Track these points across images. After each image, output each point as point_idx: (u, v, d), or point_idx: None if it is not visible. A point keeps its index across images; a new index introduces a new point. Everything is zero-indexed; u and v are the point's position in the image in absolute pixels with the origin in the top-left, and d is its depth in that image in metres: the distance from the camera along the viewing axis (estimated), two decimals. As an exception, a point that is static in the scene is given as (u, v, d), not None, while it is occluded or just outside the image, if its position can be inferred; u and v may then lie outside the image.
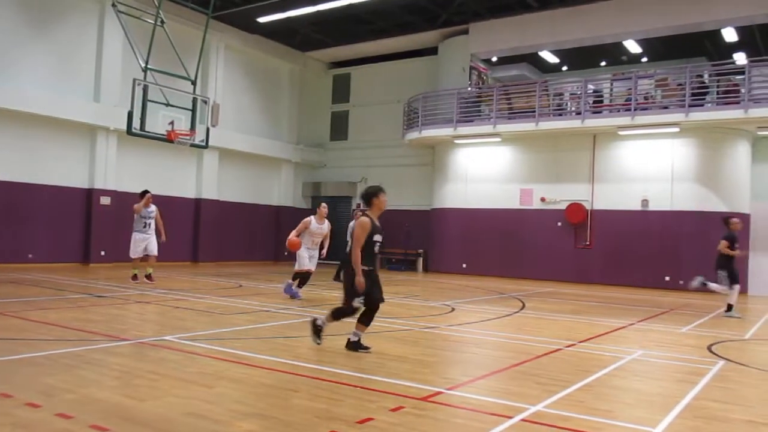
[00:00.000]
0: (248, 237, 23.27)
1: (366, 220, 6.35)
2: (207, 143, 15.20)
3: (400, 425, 4.04)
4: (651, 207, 18.10)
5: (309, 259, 11.20)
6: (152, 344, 6.46)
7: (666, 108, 17.63)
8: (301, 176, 25.71)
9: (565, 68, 24.63)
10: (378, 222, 6.49)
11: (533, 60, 23.53)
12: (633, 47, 21.36)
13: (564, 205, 19.35)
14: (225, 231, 22.17)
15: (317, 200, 25.63)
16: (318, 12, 19.86)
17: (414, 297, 12.62)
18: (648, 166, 18.19)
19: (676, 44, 20.77)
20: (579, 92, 19.13)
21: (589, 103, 18.90)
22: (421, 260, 22.59)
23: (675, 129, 17.23)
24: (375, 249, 6.41)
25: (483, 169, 20.88)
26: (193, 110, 14.40)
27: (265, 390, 4.89)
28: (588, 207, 19.01)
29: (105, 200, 18.30)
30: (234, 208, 22.69)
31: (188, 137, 14.17)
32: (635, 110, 17.54)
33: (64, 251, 17.65)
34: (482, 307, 11.42)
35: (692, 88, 16.99)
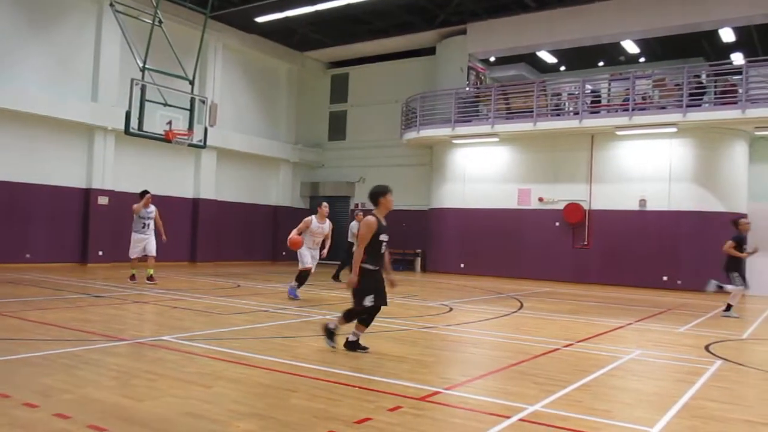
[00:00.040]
0: (246, 237, 23.26)
1: (372, 220, 6.31)
2: (205, 143, 15.20)
3: (399, 425, 4.04)
4: (649, 207, 18.12)
5: (311, 259, 11.18)
6: (150, 344, 6.45)
7: (664, 108, 17.67)
8: (299, 176, 25.71)
9: (563, 68, 24.65)
10: (385, 221, 6.47)
11: (531, 60, 23.54)
12: (631, 47, 21.39)
13: (562, 205, 19.36)
14: (223, 231, 22.16)
15: (315, 200, 25.68)
16: (316, 12, 19.86)
17: (412, 297, 12.63)
18: (646, 166, 18.21)
19: (674, 44, 20.80)
20: (577, 92, 19.15)
21: (587, 103, 18.93)
22: (419, 260, 22.61)
23: (672, 129, 17.26)
24: (381, 249, 6.37)
25: (481, 169, 20.89)
26: (191, 110, 14.40)
27: (264, 390, 4.89)
28: (586, 207, 19.03)
29: (103, 200, 18.29)
30: (232, 208, 22.68)
31: (186, 137, 14.16)
32: (633, 110, 17.56)
33: (62, 251, 17.63)
34: (480, 307, 11.43)
35: (690, 89, 17.01)
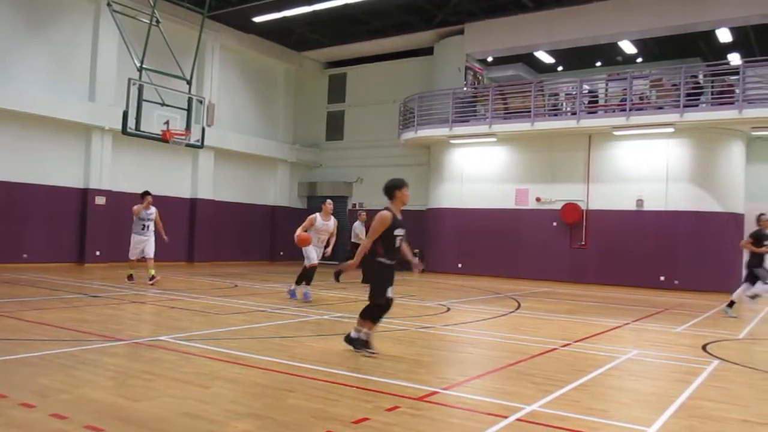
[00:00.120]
0: (244, 237, 23.24)
1: (387, 214, 6.26)
2: (202, 143, 15.17)
3: (396, 425, 4.04)
4: (646, 207, 18.14)
5: (317, 257, 11.08)
6: (147, 344, 6.44)
7: (661, 108, 17.69)
8: (297, 176, 25.70)
9: (561, 68, 24.69)
10: (400, 215, 6.42)
11: (529, 60, 23.57)
12: (628, 48, 21.43)
13: (559, 205, 19.37)
14: (221, 231, 22.14)
15: (313, 200, 25.72)
16: (314, 12, 19.85)
17: (410, 297, 12.62)
18: (643, 166, 18.23)
19: (671, 45, 20.84)
20: (574, 92, 19.16)
21: (585, 104, 18.95)
22: (418, 260, 22.60)
23: (670, 129, 17.29)
24: (396, 243, 6.34)
25: (479, 169, 20.90)
26: (189, 110, 14.37)
27: (261, 390, 4.88)
28: (583, 207, 19.04)
29: (100, 200, 18.27)
30: (230, 208, 22.66)
31: (184, 137, 14.14)
32: (630, 110, 17.58)
33: (59, 251, 17.60)
34: (478, 307, 11.43)
35: (687, 89, 17.03)
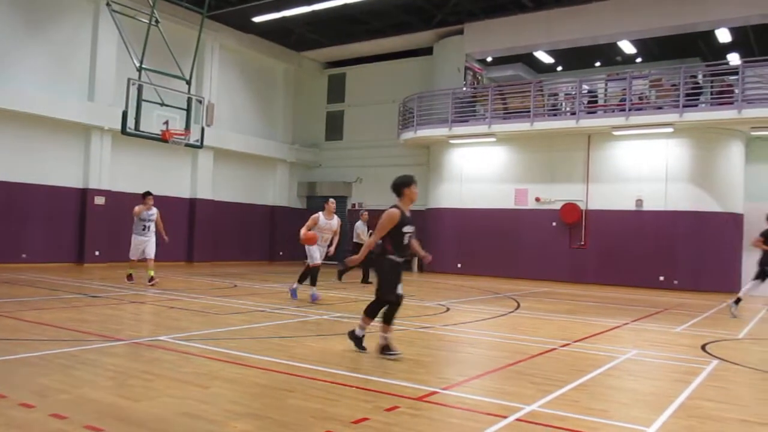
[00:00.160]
0: (243, 237, 23.24)
1: (395, 212, 6.24)
2: (202, 143, 15.17)
3: (396, 425, 4.04)
4: (645, 207, 18.15)
5: (320, 256, 11.02)
6: (147, 344, 6.44)
7: (660, 108, 17.70)
8: (296, 176, 25.70)
9: (560, 68, 24.69)
10: (409, 213, 6.40)
11: (528, 60, 23.57)
12: (627, 48, 21.43)
13: (559, 205, 19.38)
14: (220, 231, 22.13)
15: (312, 200, 25.72)
16: (313, 12, 19.85)
17: (409, 297, 12.59)
18: (642, 167, 18.24)
19: (670, 45, 20.85)
20: (574, 92, 19.16)
21: (584, 104, 18.96)
22: (416, 260, 22.59)
23: (669, 129, 17.29)
24: (405, 240, 6.32)
25: (478, 169, 20.90)
26: (188, 110, 14.37)
27: (260, 390, 4.88)
28: (583, 207, 19.05)
29: (99, 200, 18.26)
30: (229, 208, 22.65)
31: (183, 137, 14.13)
32: (630, 110, 17.59)
33: (59, 251, 17.59)
34: (477, 307, 11.44)
35: (686, 89, 17.04)
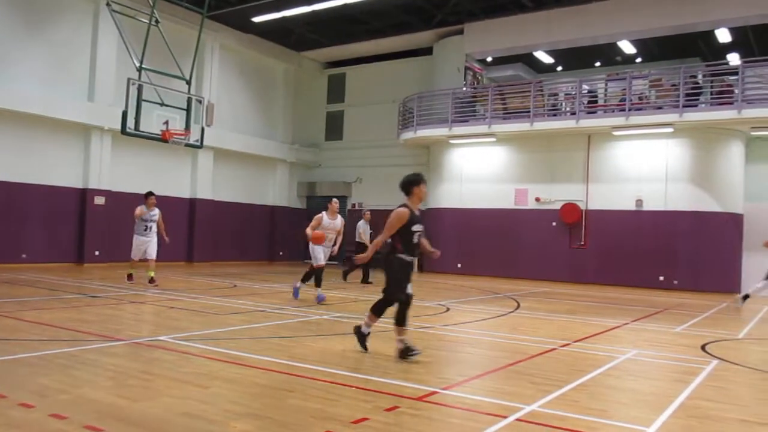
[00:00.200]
0: (243, 237, 23.23)
1: (404, 211, 6.25)
2: (202, 143, 15.16)
3: (395, 425, 4.04)
4: (645, 207, 18.15)
5: (324, 256, 11.01)
6: (147, 344, 6.44)
7: (660, 108, 17.70)
8: (296, 176, 25.69)
9: (560, 68, 24.68)
10: (417, 212, 6.38)
11: (528, 60, 23.57)
12: (627, 48, 21.43)
13: (559, 205, 19.38)
14: (220, 231, 22.12)
15: (312, 200, 25.71)
16: (313, 12, 19.84)
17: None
18: (642, 167, 18.24)
19: (670, 45, 20.85)
20: (574, 92, 19.16)
21: (584, 104, 18.95)
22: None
23: (669, 129, 17.29)
24: (414, 239, 6.33)
25: (478, 169, 20.90)
26: (188, 110, 14.35)
27: (260, 390, 4.88)
28: (582, 207, 19.05)
29: (99, 200, 18.26)
30: (229, 208, 22.65)
31: (183, 137, 14.11)
32: (629, 110, 17.59)
33: (58, 251, 17.59)
34: (477, 307, 11.44)
35: (686, 89, 17.04)
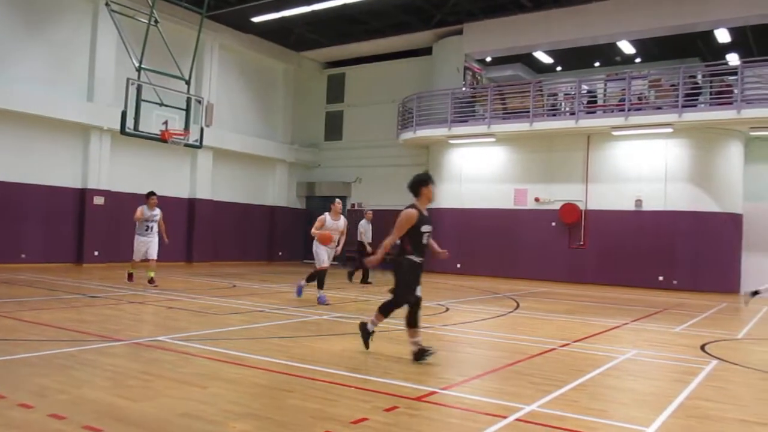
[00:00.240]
0: (243, 237, 23.22)
1: (413, 212, 6.17)
2: (201, 143, 15.15)
3: (395, 425, 4.04)
4: (644, 207, 18.15)
5: (328, 258, 10.96)
6: (146, 345, 6.43)
7: (659, 108, 17.70)
8: (296, 176, 25.68)
9: (559, 69, 24.69)
10: (426, 212, 6.31)
11: (527, 60, 23.58)
12: (627, 48, 21.44)
13: (558, 205, 19.38)
14: (219, 231, 22.11)
15: (312, 200, 25.72)
16: (312, 12, 19.84)
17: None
18: (641, 167, 18.25)
19: (670, 45, 20.86)
20: (573, 92, 19.17)
21: (583, 104, 18.96)
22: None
23: (668, 129, 17.30)
24: (424, 240, 6.26)
25: (477, 169, 20.90)
26: (187, 110, 14.33)
27: (260, 390, 4.88)
28: (582, 207, 19.05)
29: (98, 200, 18.25)
30: (228, 208, 22.64)
31: (182, 137, 14.10)
32: (629, 111, 17.60)
33: (57, 251, 17.58)
34: (477, 307, 11.44)
35: (685, 89, 17.05)
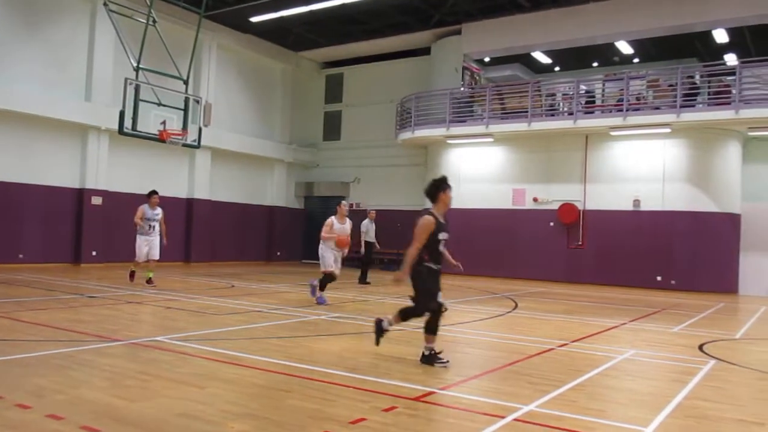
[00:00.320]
0: (241, 237, 23.21)
1: (430, 219, 6.08)
2: (199, 143, 15.14)
3: (393, 425, 4.04)
4: (643, 207, 18.16)
5: (334, 261, 10.76)
6: (144, 345, 6.42)
7: (657, 108, 17.71)
8: (294, 176, 25.67)
9: (558, 69, 24.70)
10: (443, 218, 6.24)
11: (526, 60, 23.58)
12: (625, 48, 21.45)
13: (556, 206, 19.39)
14: (217, 231, 22.10)
15: (310, 200, 25.72)
16: (311, 12, 19.83)
17: (407, 297, 12.60)
18: (640, 167, 18.26)
19: (668, 45, 20.88)
20: (571, 93, 19.17)
21: (582, 104, 18.96)
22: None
23: (666, 129, 17.31)
24: (440, 247, 6.19)
25: (476, 170, 20.90)
26: (186, 110, 14.33)
27: (258, 390, 4.88)
28: (580, 207, 19.06)
29: (96, 200, 18.23)
30: (226, 208, 22.62)
31: (180, 137, 14.09)
32: (627, 111, 17.60)
33: (55, 251, 17.56)
34: (475, 307, 11.44)
35: (683, 89, 17.06)
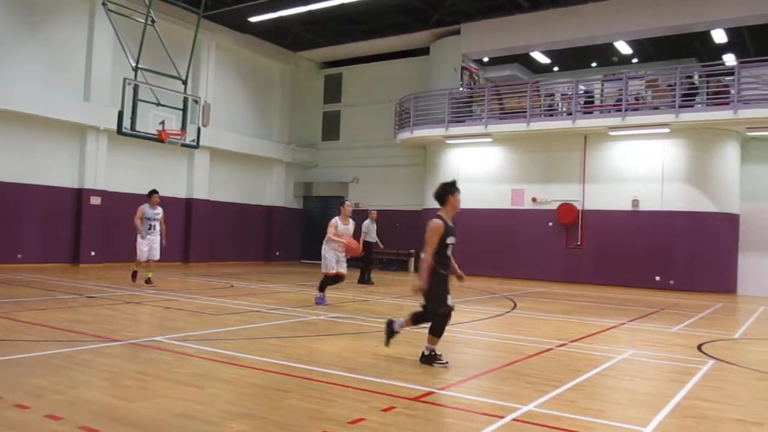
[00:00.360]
0: (240, 237, 23.20)
1: (439, 223, 6.02)
2: (198, 143, 15.13)
3: (392, 425, 4.04)
4: (641, 207, 18.17)
5: (336, 263, 10.60)
6: (143, 345, 6.42)
7: (656, 109, 17.72)
8: (293, 176, 25.67)
9: (557, 69, 24.71)
10: (452, 222, 6.16)
11: (524, 60, 23.59)
12: (623, 48, 21.47)
13: (555, 206, 19.39)
14: (216, 231, 22.09)
15: (309, 200, 25.72)
16: (309, 12, 19.82)
17: (406, 297, 12.62)
18: (638, 167, 18.26)
19: (667, 45, 20.90)
20: (570, 93, 19.18)
21: (580, 104, 18.96)
22: (413, 260, 22.61)
23: (665, 129, 17.32)
24: (448, 251, 6.12)
25: (474, 170, 20.89)
26: (184, 110, 14.32)
27: (257, 390, 4.88)
28: (579, 207, 19.06)
29: (95, 200, 18.21)
30: (225, 208, 22.61)
31: (179, 137, 14.08)
32: (626, 111, 17.61)
33: (54, 251, 17.54)
34: (474, 307, 11.44)
35: (682, 89, 17.07)
